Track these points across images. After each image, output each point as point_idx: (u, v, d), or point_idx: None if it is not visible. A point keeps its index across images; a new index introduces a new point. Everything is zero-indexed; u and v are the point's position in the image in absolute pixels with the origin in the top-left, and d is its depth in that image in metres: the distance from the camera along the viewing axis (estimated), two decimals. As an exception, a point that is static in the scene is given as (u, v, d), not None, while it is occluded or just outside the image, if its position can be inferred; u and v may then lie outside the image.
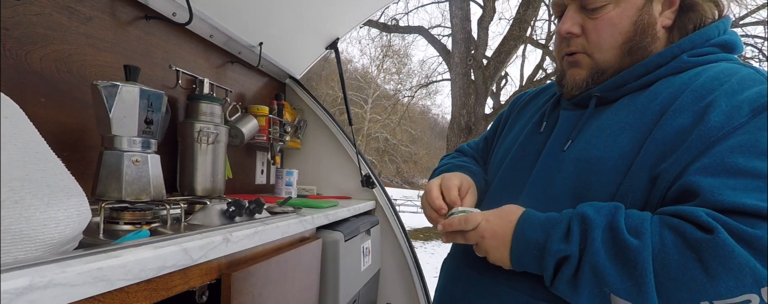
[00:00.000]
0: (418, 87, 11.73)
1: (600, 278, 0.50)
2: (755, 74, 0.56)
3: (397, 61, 13.72)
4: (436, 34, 8.73)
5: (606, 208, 0.53)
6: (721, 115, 0.52)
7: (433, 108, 16.28)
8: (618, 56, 0.64)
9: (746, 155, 0.48)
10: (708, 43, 0.62)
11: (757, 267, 0.43)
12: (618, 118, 0.61)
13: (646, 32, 0.63)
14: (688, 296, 0.46)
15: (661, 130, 0.55)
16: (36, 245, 0.49)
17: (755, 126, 0.50)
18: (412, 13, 12.91)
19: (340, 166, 2.07)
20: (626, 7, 0.62)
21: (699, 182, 0.49)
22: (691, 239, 0.46)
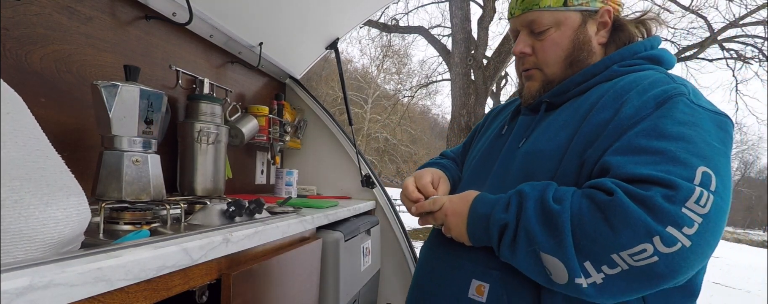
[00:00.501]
0: (418, 87, 11.73)
1: (531, 238, 0.61)
2: (665, 78, 0.68)
3: (397, 61, 13.73)
4: (436, 34, 8.72)
5: (540, 184, 0.65)
6: (631, 109, 0.64)
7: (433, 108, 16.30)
8: (562, 69, 0.78)
9: (647, 137, 0.60)
10: (635, 56, 0.75)
11: (649, 221, 0.53)
12: (560, 119, 0.74)
13: (583, 48, 0.77)
14: (600, 250, 0.56)
15: (588, 124, 0.67)
16: (35, 245, 0.49)
17: (657, 115, 0.62)
18: (412, 13, 12.92)
19: (340, 166, 2.07)
20: (565, 29, 0.76)
21: (610, 160, 0.61)
22: (599, 201, 0.57)
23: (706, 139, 0.59)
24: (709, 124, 0.61)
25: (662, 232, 0.53)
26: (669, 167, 0.56)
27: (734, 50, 8.69)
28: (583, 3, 0.76)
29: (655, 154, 0.58)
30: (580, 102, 0.72)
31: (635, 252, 0.53)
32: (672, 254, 0.53)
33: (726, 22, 8.09)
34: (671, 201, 0.53)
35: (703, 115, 0.62)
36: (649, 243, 0.53)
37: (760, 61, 8.26)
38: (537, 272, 0.62)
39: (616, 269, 0.55)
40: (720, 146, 0.59)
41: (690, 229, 0.53)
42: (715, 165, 0.56)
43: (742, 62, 8.65)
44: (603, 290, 0.57)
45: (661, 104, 0.63)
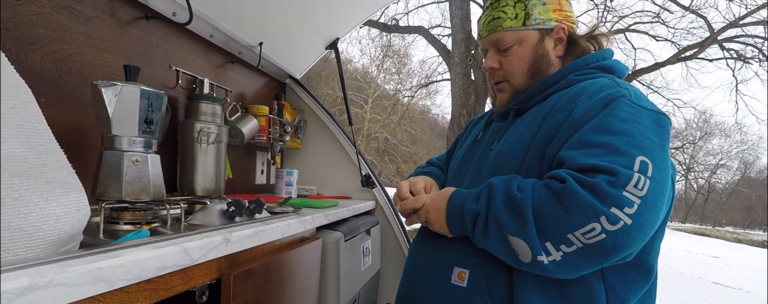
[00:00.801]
0: (418, 87, 11.72)
1: (500, 223, 0.70)
2: (611, 83, 0.78)
3: (397, 61, 13.72)
4: (436, 34, 8.71)
5: (506, 177, 0.75)
6: (582, 110, 0.74)
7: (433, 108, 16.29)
8: (526, 79, 0.90)
9: (595, 132, 0.70)
10: (588, 66, 0.86)
11: (596, 203, 0.62)
12: (525, 122, 0.85)
13: (542, 61, 0.89)
14: (558, 231, 0.65)
15: (546, 124, 0.78)
16: (35, 242, 0.49)
17: (603, 114, 0.71)
18: (412, 13, 12.91)
19: (340, 166, 2.06)
20: (526, 46, 0.89)
21: (565, 154, 0.70)
22: (554, 189, 0.66)
23: (644, 134, 0.68)
24: (648, 121, 0.71)
25: (607, 212, 0.61)
26: (612, 157, 0.65)
27: (734, 50, 8.69)
28: (540, 23, 0.88)
29: (601, 147, 0.67)
30: (542, 107, 0.84)
31: (586, 231, 0.62)
32: (616, 231, 0.61)
33: (726, 22, 8.09)
34: (614, 186, 0.62)
35: (642, 114, 0.71)
36: (597, 222, 0.62)
37: (760, 61, 8.26)
38: (506, 254, 0.71)
39: (572, 247, 0.64)
40: (657, 140, 0.68)
41: (630, 209, 0.62)
42: (652, 155, 0.66)
43: (742, 62, 8.65)
44: (562, 266, 0.66)
45: (607, 105, 0.73)
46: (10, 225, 0.47)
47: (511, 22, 0.88)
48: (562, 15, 0.89)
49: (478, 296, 0.77)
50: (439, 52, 8.51)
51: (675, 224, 25.36)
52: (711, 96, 40.75)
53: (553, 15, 0.88)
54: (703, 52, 8.68)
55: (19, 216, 0.48)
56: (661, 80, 21.49)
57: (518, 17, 0.88)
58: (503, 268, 0.76)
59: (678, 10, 8.58)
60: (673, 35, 8.89)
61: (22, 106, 0.52)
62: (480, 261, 0.78)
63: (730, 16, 8.03)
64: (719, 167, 25.06)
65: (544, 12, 0.88)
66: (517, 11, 0.88)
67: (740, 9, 7.69)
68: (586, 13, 8.66)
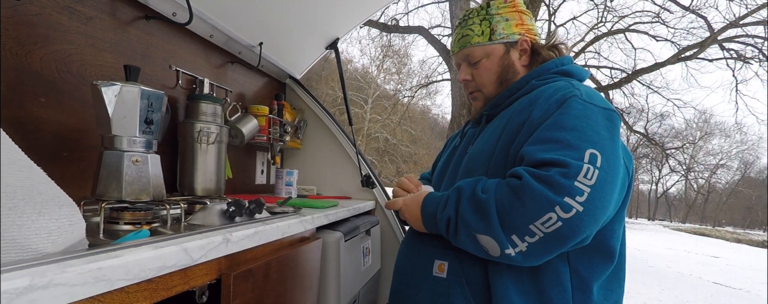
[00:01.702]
0: (418, 87, 11.72)
1: (468, 225, 0.78)
2: (567, 85, 0.85)
3: (397, 61, 13.72)
4: (436, 34, 8.70)
5: (473, 180, 0.83)
6: (540, 111, 0.82)
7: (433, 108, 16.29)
8: (496, 88, 1.00)
9: (550, 130, 0.77)
10: (549, 72, 0.94)
11: (550, 194, 0.69)
12: (493, 126, 0.93)
13: (509, 70, 0.98)
14: (519, 222, 0.72)
15: (509, 125, 0.86)
16: (28, 254, 0.48)
17: (557, 113, 0.79)
18: (412, 13, 12.91)
19: (340, 166, 2.06)
20: (493, 58, 0.99)
21: (523, 150, 0.78)
22: (513, 186, 0.73)
23: (594, 128, 0.75)
24: (599, 117, 0.77)
25: (561, 201, 0.68)
26: (565, 151, 0.72)
27: (734, 50, 8.69)
28: (504, 37, 0.98)
29: (555, 142, 0.74)
30: (508, 111, 0.92)
31: (545, 220, 0.69)
32: (570, 218, 0.68)
33: (726, 22, 8.09)
34: (566, 177, 0.69)
35: (593, 111, 0.78)
36: (553, 212, 0.68)
37: (760, 61, 8.26)
38: (477, 250, 0.79)
39: (535, 237, 0.71)
40: (606, 134, 0.76)
41: (581, 198, 0.68)
42: (601, 147, 0.72)
43: (742, 62, 8.65)
44: (528, 255, 0.73)
45: (561, 104, 0.80)
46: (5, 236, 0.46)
47: (479, 38, 0.98)
48: (524, 29, 0.99)
49: (457, 285, 0.85)
50: (439, 52, 8.51)
51: (675, 224, 25.35)
52: (711, 96, 40.70)
53: (516, 29, 0.98)
54: (703, 52, 8.68)
55: (13, 227, 0.47)
56: (661, 80, 21.50)
57: (484, 33, 0.98)
58: (479, 259, 0.83)
59: (678, 10, 8.58)
60: (673, 35, 8.89)
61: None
62: (457, 253, 0.86)
63: (730, 16, 8.03)
64: (719, 167, 25.06)
65: (507, 27, 0.98)
66: (483, 28, 0.98)
67: (740, 9, 7.69)
68: (586, 13, 8.66)
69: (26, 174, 0.52)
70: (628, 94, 10.40)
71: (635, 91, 10.88)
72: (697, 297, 5.14)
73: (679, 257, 8.95)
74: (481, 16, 0.99)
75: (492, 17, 0.98)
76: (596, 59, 10.01)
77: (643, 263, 7.42)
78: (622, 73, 9.57)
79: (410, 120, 13.79)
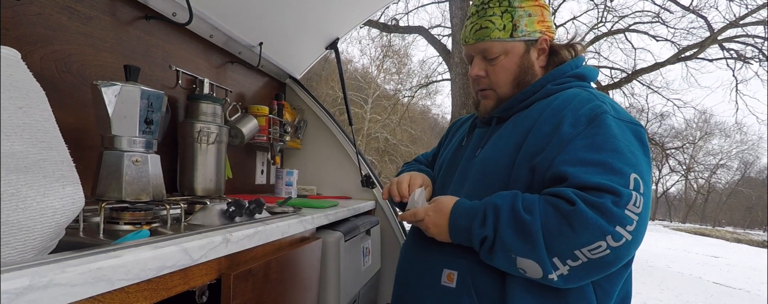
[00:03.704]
0: (418, 87, 11.71)
1: (508, 247, 0.74)
2: (590, 96, 0.83)
3: (397, 61, 13.71)
4: (436, 34, 8.69)
5: (508, 195, 0.78)
6: (569, 125, 0.79)
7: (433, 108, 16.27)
8: (511, 89, 0.93)
9: (589, 151, 0.75)
10: (564, 76, 0.91)
11: (603, 223, 0.67)
12: (507, 130, 0.89)
13: (528, 72, 0.92)
14: (565, 248, 0.70)
15: (533, 136, 0.82)
16: (33, 235, 0.50)
17: (590, 133, 0.77)
18: (412, 13, 12.90)
19: (340, 166, 2.06)
20: (512, 57, 0.92)
21: (565, 170, 0.74)
22: (563, 211, 0.70)
23: (631, 149, 0.75)
24: (630, 136, 0.78)
25: (613, 231, 0.67)
26: (610, 175, 0.71)
27: (734, 50, 8.69)
28: (526, 34, 0.90)
29: (598, 165, 0.73)
30: (523, 116, 0.88)
31: (593, 248, 0.68)
32: (619, 247, 0.68)
33: (726, 22, 8.08)
34: (618, 205, 0.68)
35: (625, 129, 0.78)
36: (603, 240, 0.68)
37: (760, 61, 8.26)
38: (511, 270, 0.76)
39: (578, 262, 0.70)
40: (641, 154, 0.76)
41: (631, 226, 0.68)
42: (640, 171, 0.72)
43: (742, 62, 8.64)
44: (568, 279, 0.72)
45: (592, 121, 0.78)
46: (9, 220, 0.48)
47: (499, 32, 0.90)
48: (544, 26, 0.92)
49: (466, 296, 0.82)
50: (439, 52, 8.51)
51: (675, 224, 25.34)
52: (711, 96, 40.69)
53: (538, 26, 0.91)
54: (703, 52, 8.67)
55: (17, 211, 0.49)
56: (661, 80, 21.48)
57: (506, 28, 0.90)
58: (493, 270, 0.80)
59: (678, 10, 8.58)
60: (673, 35, 8.89)
61: (31, 106, 0.54)
62: (468, 263, 0.83)
63: (730, 16, 8.03)
64: (719, 167, 25.06)
65: (529, 24, 0.91)
66: (504, 22, 0.90)
67: (740, 9, 7.69)
68: (586, 13, 8.66)
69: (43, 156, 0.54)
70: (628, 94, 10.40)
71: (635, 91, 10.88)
72: (697, 297, 5.14)
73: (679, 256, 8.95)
74: (503, 8, 0.90)
75: (514, 11, 0.90)
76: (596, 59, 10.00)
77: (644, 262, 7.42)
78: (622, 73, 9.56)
79: (410, 120, 13.79)
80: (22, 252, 0.51)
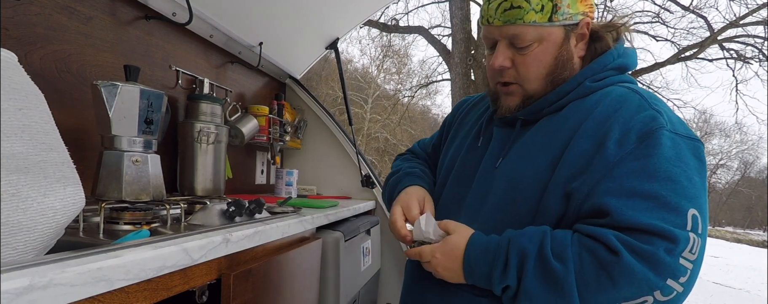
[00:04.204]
0: (418, 87, 11.71)
1: (533, 298, 0.63)
2: (640, 101, 0.68)
3: (397, 61, 13.71)
4: (436, 34, 8.70)
5: (536, 235, 0.64)
6: (614, 143, 0.64)
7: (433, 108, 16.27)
8: (543, 86, 0.75)
9: (639, 178, 0.62)
10: (605, 69, 0.75)
11: (651, 277, 0.57)
12: (537, 138, 0.74)
13: (566, 66, 0.75)
14: (603, 301, 0.59)
15: (571, 153, 0.67)
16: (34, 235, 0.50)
17: (643, 153, 0.63)
18: (412, 13, 12.88)
19: (340, 166, 2.06)
20: (548, 46, 0.73)
21: (607, 203, 0.61)
22: (603, 261, 0.59)
23: (688, 175, 0.62)
24: (689, 157, 0.64)
25: (662, 285, 0.57)
26: (664, 213, 0.59)
27: (734, 50, 8.68)
28: (568, 17, 0.72)
29: (649, 198, 0.60)
30: (556, 122, 0.73)
31: (638, 302, 0.58)
32: (667, 301, 0.58)
33: (726, 22, 8.08)
34: (671, 254, 0.57)
35: (683, 148, 0.64)
36: (650, 295, 0.58)
37: (760, 61, 8.25)
38: None
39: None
40: (699, 181, 0.63)
41: (684, 277, 0.58)
42: (699, 204, 0.61)
43: (742, 62, 8.64)
44: None
45: (644, 139, 0.64)
46: (9, 220, 0.48)
47: (536, 15, 0.70)
48: (587, 5, 0.74)
49: None
50: (439, 52, 8.51)
51: (675, 224, 25.24)
52: (711, 96, 40.74)
53: (581, 7, 0.73)
54: (703, 52, 8.67)
55: (18, 211, 0.49)
56: (661, 80, 21.44)
57: (544, 10, 0.70)
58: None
59: (678, 10, 8.57)
60: (673, 35, 8.87)
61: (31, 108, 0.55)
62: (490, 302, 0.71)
63: (730, 16, 8.02)
64: (719, 167, 25.07)
65: (572, 4, 0.72)
66: (542, 2, 0.70)
67: (740, 9, 7.69)
68: (586, 13, 8.65)
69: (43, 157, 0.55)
70: (628, 94, 10.38)
71: (635, 91, 10.84)
72: (697, 297, 5.14)
73: (679, 257, 8.92)
74: None
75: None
76: (596, 59, 9.97)
77: (643, 263, 7.40)
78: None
79: (410, 120, 13.79)
80: (23, 252, 0.51)
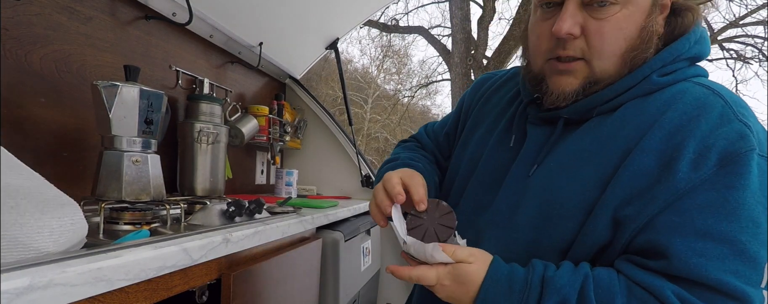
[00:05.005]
0: (418, 87, 11.72)
1: None
2: (724, 107, 0.53)
3: (397, 61, 13.72)
4: (436, 34, 8.69)
5: (578, 278, 0.51)
6: (687, 165, 0.50)
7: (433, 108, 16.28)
8: (618, 66, 0.57)
9: (714, 215, 0.48)
10: (678, 59, 0.58)
11: None
12: (583, 145, 0.58)
13: (651, 42, 0.56)
14: None
15: (627, 171, 0.53)
16: (30, 252, 0.48)
17: (722, 183, 0.49)
18: (412, 13, 12.87)
19: (340, 166, 2.06)
20: (634, 10, 0.55)
21: (668, 242, 0.49)
22: None
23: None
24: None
25: None
26: (738, 265, 0.47)
27: (734, 50, 8.68)
28: None
29: (724, 243, 0.48)
30: (610, 125, 0.57)
31: None
32: None
33: (726, 22, 8.08)
34: None
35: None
36: None
37: (760, 61, 8.25)
38: None
39: None
40: None
41: None
42: None
43: (742, 62, 8.64)
44: None
45: (727, 163, 0.49)
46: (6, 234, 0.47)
47: None
48: None
49: None
50: (439, 52, 8.51)
51: (675, 224, 25.27)
52: (711, 96, 40.44)
53: None
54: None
55: (15, 226, 0.48)
56: (661, 80, 21.40)
57: None
58: None
59: (678, 10, 8.57)
60: (673, 35, 8.86)
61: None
62: None
63: (730, 16, 8.03)
64: (719, 167, 25.02)
65: None
66: None
67: (740, 9, 7.69)
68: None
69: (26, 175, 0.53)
70: (628, 94, 10.39)
71: (635, 91, 10.85)
72: (697, 297, 5.13)
73: (679, 257, 8.93)
74: None
75: None
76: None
77: (643, 263, 7.40)
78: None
79: (410, 120, 13.78)
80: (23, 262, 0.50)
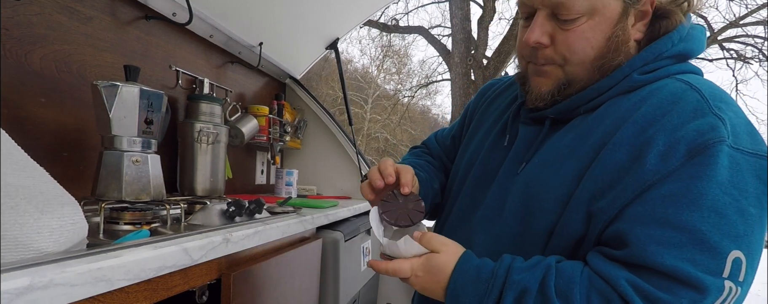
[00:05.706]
0: (418, 87, 11.73)
1: None
2: (697, 100, 0.54)
3: (397, 61, 13.72)
4: (436, 34, 8.69)
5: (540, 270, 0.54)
6: (656, 157, 0.51)
7: (433, 108, 16.26)
8: (588, 72, 0.61)
9: (676, 205, 0.50)
10: (659, 58, 0.60)
11: None
12: (565, 142, 0.61)
13: (619, 50, 0.59)
14: None
15: (600, 165, 0.55)
16: (30, 253, 0.48)
17: (687, 174, 0.50)
18: (412, 13, 12.88)
19: (340, 166, 2.06)
20: (600, 21, 0.57)
21: (629, 231, 0.51)
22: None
23: (741, 207, 0.49)
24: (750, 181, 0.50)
25: None
26: (696, 254, 0.48)
27: (734, 50, 8.68)
28: None
29: (682, 231, 0.49)
30: (590, 122, 0.60)
31: None
32: None
33: (726, 22, 8.08)
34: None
35: (743, 168, 0.50)
36: None
37: (760, 61, 8.25)
38: None
39: None
40: (756, 211, 0.50)
41: None
42: (748, 244, 0.49)
43: (742, 62, 8.64)
44: None
45: (695, 154, 0.50)
46: (6, 235, 0.47)
47: None
48: None
49: None
50: (439, 52, 8.51)
51: (675, 224, 25.26)
52: (711, 96, 40.42)
53: None
54: (703, 52, 8.67)
55: (15, 226, 0.47)
56: (661, 80, 21.40)
57: None
58: None
59: (678, 10, 8.56)
60: (673, 35, 8.86)
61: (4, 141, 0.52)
62: None
63: (730, 16, 8.02)
64: (719, 167, 25.00)
65: None
66: None
67: (740, 9, 7.69)
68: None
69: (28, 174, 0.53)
70: (628, 94, 10.38)
71: (635, 91, 10.84)
72: (697, 297, 5.13)
73: (679, 257, 8.93)
74: None
75: None
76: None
77: (643, 263, 7.41)
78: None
79: (410, 120, 13.78)
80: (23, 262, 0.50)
